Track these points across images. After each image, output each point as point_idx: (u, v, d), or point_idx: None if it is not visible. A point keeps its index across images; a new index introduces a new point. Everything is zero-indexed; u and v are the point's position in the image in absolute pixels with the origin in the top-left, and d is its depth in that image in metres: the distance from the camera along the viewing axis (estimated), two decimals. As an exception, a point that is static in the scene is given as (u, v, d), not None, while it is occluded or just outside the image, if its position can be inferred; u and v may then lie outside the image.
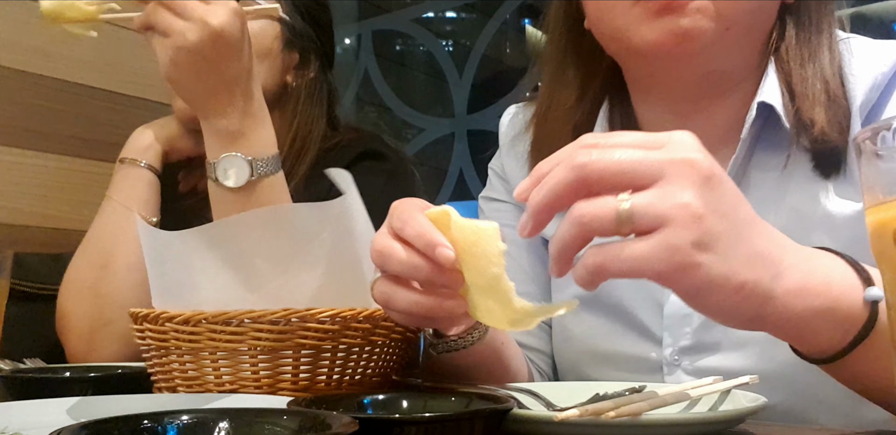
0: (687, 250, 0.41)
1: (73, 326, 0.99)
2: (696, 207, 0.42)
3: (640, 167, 0.43)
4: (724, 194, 0.43)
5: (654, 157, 0.43)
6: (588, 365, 0.80)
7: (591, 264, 0.43)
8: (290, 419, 0.42)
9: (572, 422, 0.44)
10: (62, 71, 1.40)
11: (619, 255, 0.42)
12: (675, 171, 0.42)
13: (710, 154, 0.45)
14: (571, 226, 0.43)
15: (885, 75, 0.69)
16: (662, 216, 0.42)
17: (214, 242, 0.66)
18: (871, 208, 0.37)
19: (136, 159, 1.04)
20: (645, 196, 0.42)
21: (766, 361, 0.68)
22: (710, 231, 0.42)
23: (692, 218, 0.42)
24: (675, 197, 0.42)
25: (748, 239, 0.44)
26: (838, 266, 0.49)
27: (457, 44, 3.09)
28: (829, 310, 0.47)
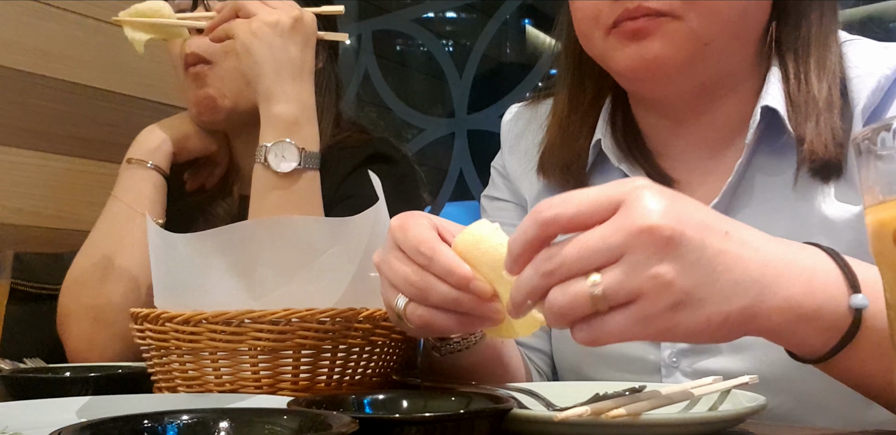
0: (664, 316, 0.43)
1: (74, 325, 0.99)
2: (664, 275, 0.42)
3: (602, 249, 0.43)
4: (687, 249, 0.43)
5: (612, 236, 0.43)
6: (587, 366, 0.80)
7: (584, 341, 0.45)
8: (290, 419, 0.42)
9: (572, 422, 0.44)
10: (63, 71, 1.40)
11: (603, 329, 0.44)
12: (636, 245, 0.42)
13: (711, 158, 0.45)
14: (552, 316, 0.45)
15: (888, 78, 0.68)
16: (634, 291, 0.43)
17: (222, 246, 0.66)
18: (871, 208, 0.37)
19: (143, 160, 1.03)
20: (613, 275, 0.43)
21: (765, 365, 0.68)
22: (681, 292, 0.43)
23: (663, 287, 0.42)
24: (641, 271, 0.42)
25: (723, 274, 0.44)
26: (825, 268, 0.49)
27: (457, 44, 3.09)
28: (812, 319, 0.47)
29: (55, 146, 1.38)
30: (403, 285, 0.54)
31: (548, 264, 0.44)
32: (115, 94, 1.48)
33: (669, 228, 0.42)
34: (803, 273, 0.47)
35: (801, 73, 0.70)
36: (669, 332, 0.44)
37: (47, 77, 1.38)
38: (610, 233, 0.43)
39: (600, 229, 0.43)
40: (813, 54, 0.70)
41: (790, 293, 0.46)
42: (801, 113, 0.68)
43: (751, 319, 0.45)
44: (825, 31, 0.71)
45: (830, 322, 0.48)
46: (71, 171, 1.40)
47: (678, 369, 0.73)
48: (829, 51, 0.70)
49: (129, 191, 1.03)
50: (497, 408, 0.47)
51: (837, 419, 0.65)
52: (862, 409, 0.64)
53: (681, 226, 0.43)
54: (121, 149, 1.08)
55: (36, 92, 1.36)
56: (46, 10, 1.38)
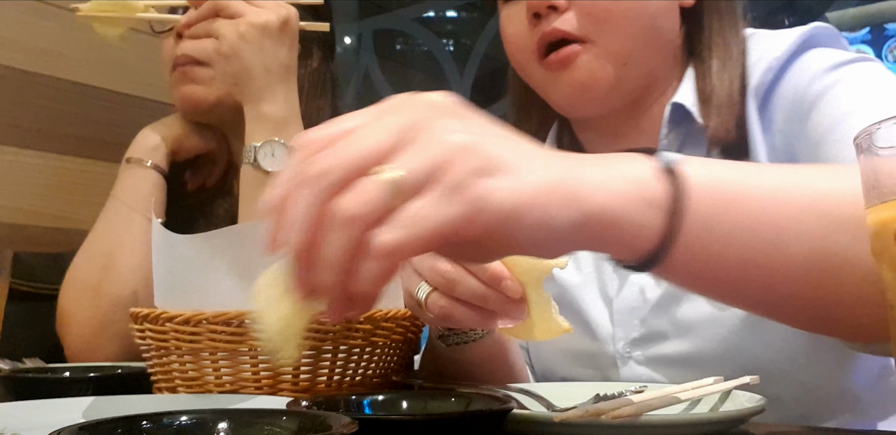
0: (471, 183, 0.35)
1: (74, 325, 0.99)
2: (459, 136, 0.36)
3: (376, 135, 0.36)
4: (480, 120, 0.39)
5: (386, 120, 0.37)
6: (557, 363, 0.83)
7: (392, 243, 0.34)
8: (290, 420, 0.42)
9: (572, 422, 0.44)
10: (63, 70, 1.40)
11: (409, 221, 0.35)
12: (418, 117, 0.37)
13: None
14: (342, 229, 0.35)
15: (778, 59, 0.73)
16: (430, 162, 0.35)
17: (224, 247, 0.66)
18: (872, 208, 0.37)
19: (142, 159, 1.03)
20: (402, 156, 0.36)
21: (710, 342, 0.71)
22: (484, 154, 0.36)
23: (462, 150, 0.36)
24: (432, 140, 0.36)
25: (524, 145, 0.39)
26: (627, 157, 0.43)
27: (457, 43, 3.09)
28: (636, 195, 0.40)
29: (54, 145, 1.38)
30: (430, 273, 0.55)
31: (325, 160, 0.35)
32: (114, 93, 1.47)
33: (452, 101, 0.39)
34: (605, 159, 0.42)
35: (708, 70, 0.75)
36: (484, 201, 0.35)
37: (46, 76, 1.38)
38: (385, 118, 0.37)
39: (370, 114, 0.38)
40: (716, 52, 0.76)
41: (603, 171, 0.40)
42: (708, 105, 0.74)
43: (574, 194, 0.38)
44: (726, 31, 0.77)
45: (654, 194, 0.41)
46: (70, 170, 1.40)
47: (632, 359, 0.76)
48: (732, 47, 0.76)
49: (129, 190, 1.03)
50: (497, 408, 0.47)
51: (783, 383, 0.66)
52: (807, 376, 0.69)
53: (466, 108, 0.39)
54: (120, 148, 1.08)
55: (35, 91, 1.36)
56: (45, 9, 1.38)
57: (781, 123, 0.73)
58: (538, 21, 0.75)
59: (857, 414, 0.73)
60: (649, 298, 0.75)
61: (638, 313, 0.76)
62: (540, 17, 0.75)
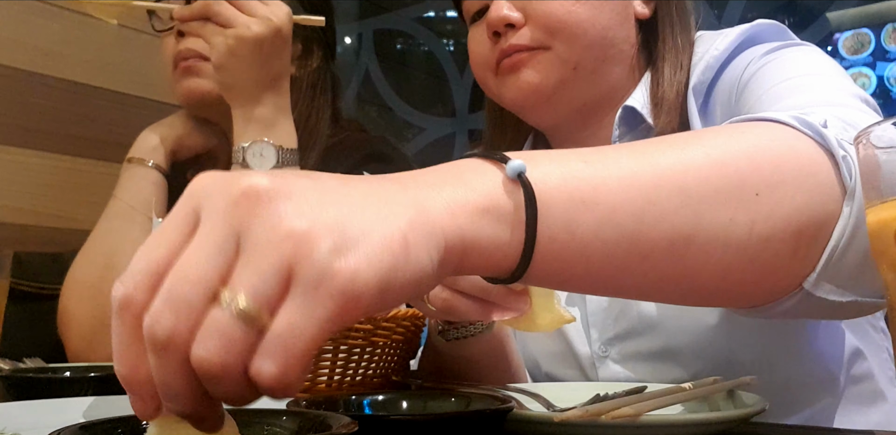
0: (333, 269, 0.30)
1: (75, 325, 1.00)
2: (294, 227, 0.31)
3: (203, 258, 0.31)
4: (299, 189, 0.32)
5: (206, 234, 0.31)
6: (540, 363, 0.84)
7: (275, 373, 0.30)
8: (290, 420, 0.42)
9: (572, 422, 0.44)
10: (64, 70, 1.40)
11: (283, 342, 0.30)
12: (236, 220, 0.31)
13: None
14: (219, 381, 0.30)
15: (716, 58, 0.76)
16: (276, 267, 0.30)
17: None
18: (872, 208, 0.37)
19: (143, 159, 1.04)
20: (240, 274, 0.30)
21: (678, 336, 0.73)
22: (327, 233, 0.31)
23: (302, 240, 0.30)
24: (267, 245, 0.30)
25: (362, 201, 0.34)
26: (469, 164, 0.41)
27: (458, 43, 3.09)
28: (487, 209, 0.38)
29: (55, 145, 1.38)
30: None
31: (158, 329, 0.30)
32: (115, 93, 1.48)
33: (263, 180, 0.32)
34: (451, 174, 0.39)
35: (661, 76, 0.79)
36: (352, 284, 0.30)
37: (47, 76, 1.38)
38: (206, 233, 0.31)
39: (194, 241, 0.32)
40: (669, 59, 0.80)
41: (450, 194, 0.37)
42: (658, 107, 0.77)
43: (431, 229, 0.35)
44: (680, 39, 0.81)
45: (502, 202, 0.38)
46: (71, 170, 1.40)
47: (608, 358, 0.78)
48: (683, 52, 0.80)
49: (130, 190, 1.03)
50: (497, 408, 0.47)
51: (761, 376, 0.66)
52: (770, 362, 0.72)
53: (273, 177, 0.32)
54: (121, 148, 1.08)
55: (36, 91, 1.36)
56: (47, 9, 1.38)
57: (720, 117, 0.75)
58: (497, 39, 0.80)
59: (836, 397, 0.75)
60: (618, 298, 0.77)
61: (610, 313, 0.78)
62: (499, 36, 0.79)
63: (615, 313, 0.77)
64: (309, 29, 1.07)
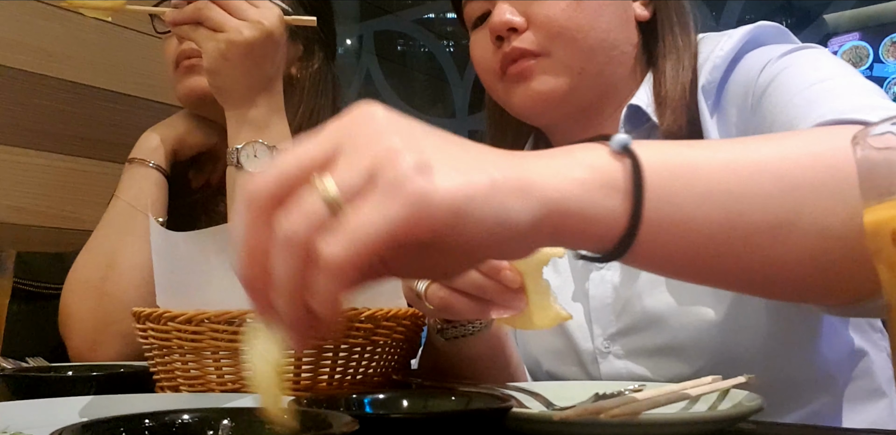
0: (412, 181, 0.33)
1: (77, 325, 1.00)
2: (393, 144, 0.34)
3: (313, 149, 0.35)
4: (411, 123, 0.37)
5: (323, 134, 0.36)
6: (541, 360, 0.84)
7: (341, 253, 0.33)
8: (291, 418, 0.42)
9: (571, 421, 0.44)
10: (66, 71, 1.41)
11: (354, 228, 0.33)
12: (344, 128, 0.36)
13: None
14: (286, 247, 0.34)
15: (722, 58, 0.77)
16: (366, 164, 0.34)
17: (225, 245, 0.66)
18: (869, 208, 0.37)
19: (144, 159, 1.04)
20: (337, 163, 0.35)
21: (681, 332, 0.73)
22: (419, 152, 0.34)
23: (395, 152, 0.34)
24: (366, 143, 0.35)
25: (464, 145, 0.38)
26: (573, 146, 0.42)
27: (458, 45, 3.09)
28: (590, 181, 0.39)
29: (57, 146, 1.39)
30: None
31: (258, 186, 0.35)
32: (117, 94, 1.48)
33: (378, 109, 0.36)
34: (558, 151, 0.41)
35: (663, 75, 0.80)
36: (427, 196, 0.33)
37: (50, 77, 1.38)
38: (321, 134, 0.36)
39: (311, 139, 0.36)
40: (671, 59, 0.81)
41: (556, 161, 0.39)
42: (662, 106, 0.78)
43: (528, 184, 0.37)
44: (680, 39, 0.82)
45: (612, 175, 0.40)
46: (73, 170, 1.40)
47: (611, 354, 0.78)
48: (685, 52, 0.81)
49: (131, 190, 1.03)
50: (497, 407, 0.48)
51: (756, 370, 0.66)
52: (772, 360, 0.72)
53: (393, 114, 0.37)
54: (123, 148, 1.09)
55: (38, 92, 1.36)
56: (49, 10, 1.39)
57: (736, 117, 0.76)
58: (500, 43, 0.80)
59: (835, 395, 0.75)
60: (622, 294, 0.77)
61: (613, 309, 0.78)
62: (502, 39, 0.80)
63: (618, 309, 0.78)
64: (310, 30, 1.08)
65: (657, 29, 0.83)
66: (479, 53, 0.84)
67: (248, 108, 0.89)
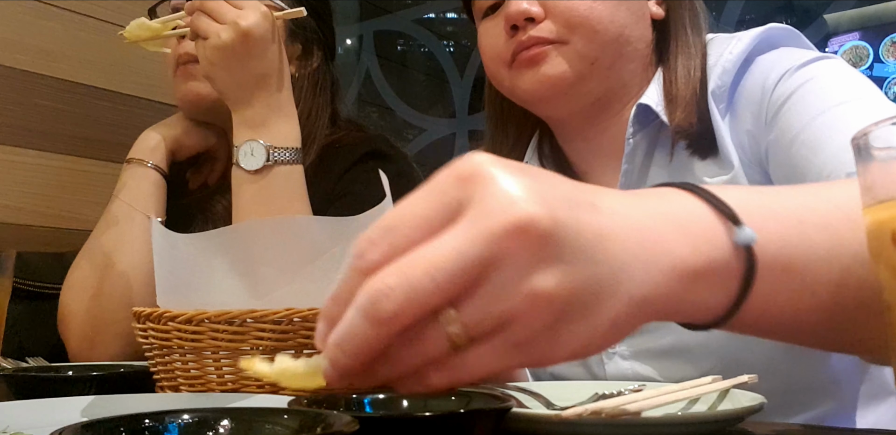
0: (541, 338, 0.33)
1: (76, 325, 1.00)
2: (543, 289, 0.32)
3: (458, 272, 0.32)
4: (565, 242, 0.33)
5: (470, 248, 0.32)
6: None
7: (440, 385, 0.35)
8: (291, 418, 0.42)
9: (572, 421, 0.44)
10: (65, 71, 1.41)
11: (463, 370, 0.34)
12: (504, 253, 0.32)
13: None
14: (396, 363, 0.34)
15: (732, 62, 0.77)
16: (504, 317, 0.33)
17: (224, 246, 0.66)
18: (869, 208, 0.37)
19: (143, 160, 1.05)
20: (475, 303, 0.32)
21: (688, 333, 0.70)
22: (562, 305, 0.33)
23: (542, 304, 0.32)
24: (513, 289, 0.32)
25: (604, 264, 0.35)
26: (696, 211, 0.40)
27: (458, 44, 3.09)
28: (704, 274, 0.38)
29: (57, 146, 1.39)
30: None
31: (383, 305, 0.32)
32: (116, 93, 1.48)
33: (543, 217, 0.32)
34: (679, 225, 0.39)
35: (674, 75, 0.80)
36: (545, 356, 0.34)
37: (49, 77, 1.38)
38: (465, 244, 0.32)
39: (448, 240, 0.32)
40: (682, 59, 0.81)
41: (675, 256, 0.37)
42: (672, 104, 0.78)
43: (640, 305, 0.36)
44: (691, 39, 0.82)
45: (724, 271, 0.39)
46: (72, 170, 1.40)
47: (616, 354, 0.78)
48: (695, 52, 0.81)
49: (130, 190, 1.03)
50: (497, 407, 0.48)
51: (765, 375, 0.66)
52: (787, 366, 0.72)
53: (551, 210, 0.33)
54: (122, 148, 1.09)
55: (37, 91, 1.36)
56: (48, 10, 1.39)
57: (750, 124, 0.76)
58: (515, 32, 0.80)
59: (840, 401, 0.75)
60: None
61: None
62: (517, 29, 0.79)
63: None
64: (308, 30, 1.08)
65: (670, 28, 0.83)
66: (489, 42, 0.83)
67: (245, 107, 0.91)
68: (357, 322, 0.33)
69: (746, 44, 0.77)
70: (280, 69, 0.92)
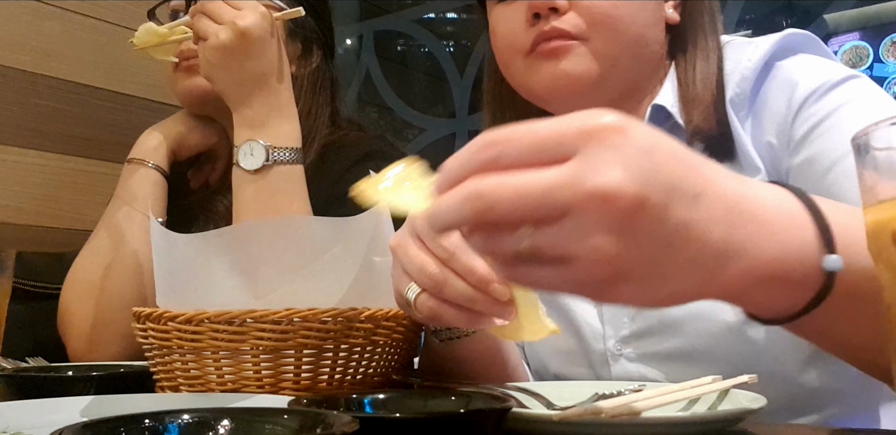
0: (598, 286, 0.38)
1: (76, 325, 1.00)
2: (606, 249, 0.36)
3: (542, 204, 0.36)
4: (645, 222, 0.36)
5: (557, 191, 0.36)
6: (550, 361, 0.83)
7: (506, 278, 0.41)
8: (291, 419, 0.42)
9: (572, 421, 0.44)
10: (65, 71, 1.41)
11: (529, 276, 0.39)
12: (583, 208, 0.36)
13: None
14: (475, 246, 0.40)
15: (752, 69, 0.75)
16: (566, 255, 0.37)
17: (225, 246, 0.66)
18: (869, 208, 0.37)
19: (143, 160, 1.05)
20: (546, 234, 0.37)
21: (697, 338, 0.72)
22: (622, 267, 0.37)
23: (601, 260, 0.36)
24: (580, 237, 0.36)
25: (679, 252, 0.38)
26: (798, 223, 0.43)
27: (458, 44, 3.09)
28: (780, 281, 0.42)
29: (57, 146, 1.39)
30: (419, 276, 0.55)
31: (477, 203, 0.37)
32: (116, 93, 1.48)
33: (631, 196, 0.35)
34: (774, 232, 0.41)
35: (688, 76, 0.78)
36: (604, 298, 0.40)
37: (49, 77, 1.38)
38: (556, 187, 0.36)
39: (547, 177, 0.36)
40: (698, 62, 0.79)
41: (758, 259, 0.40)
42: (689, 105, 0.76)
43: (703, 291, 0.40)
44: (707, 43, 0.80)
45: (799, 283, 0.43)
46: (73, 170, 1.40)
47: (623, 357, 0.77)
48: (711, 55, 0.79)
49: (130, 190, 1.04)
50: (497, 407, 0.48)
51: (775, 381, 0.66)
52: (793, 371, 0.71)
53: (644, 191, 0.36)
54: (122, 148, 1.09)
55: (37, 91, 1.36)
56: (48, 10, 1.39)
57: (773, 136, 0.74)
58: (537, 21, 0.77)
59: (843, 406, 0.74)
60: None
61: (627, 311, 0.77)
62: (539, 18, 0.77)
63: (632, 311, 0.77)
64: (308, 29, 1.08)
65: (686, 31, 0.82)
66: (505, 29, 0.80)
67: (244, 107, 0.92)
68: (457, 200, 0.37)
69: (765, 51, 0.76)
70: (280, 69, 0.93)
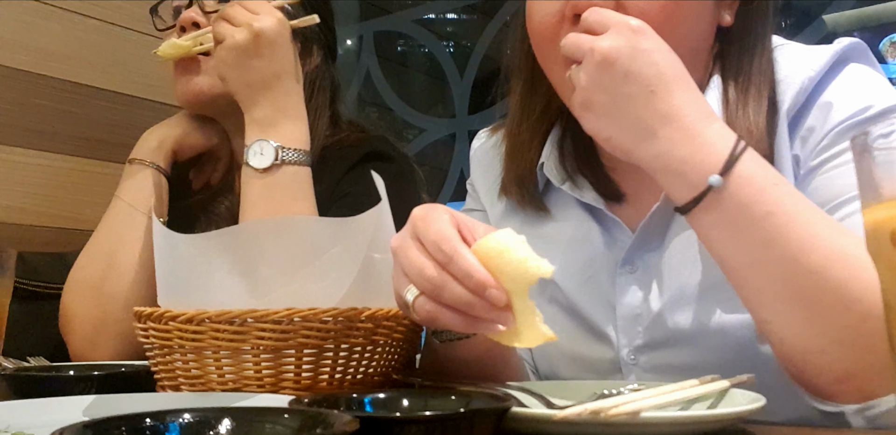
0: (576, 105, 0.63)
1: (77, 324, 1.00)
2: (583, 82, 0.61)
3: (574, 50, 0.63)
4: (611, 75, 0.60)
5: (582, 44, 0.62)
6: (561, 367, 0.82)
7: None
8: (292, 418, 0.43)
9: (572, 421, 0.45)
10: (66, 71, 1.41)
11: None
12: (585, 55, 0.61)
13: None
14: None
15: (811, 79, 0.73)
16: (574, 79, 0.63)
17: (226, 246, 0.66)
18: (868, 208, 0.37)
19: (144, 160, 1.05)
20: (578, 67, 0.63)
21: (710, 352, 0.72)
22: (589, 98, 0.61)
23: (580, 87, 0.62)
24: (579, 73, 0.62)
25: (623, 109, 0.61)
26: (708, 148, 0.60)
27: (458, 45, 3.09)
28: (677, 175, 0.61)
29: (57, 146, 1.39)
30: (418, 278, 0.56)
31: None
32: (116, 94, 1.48)
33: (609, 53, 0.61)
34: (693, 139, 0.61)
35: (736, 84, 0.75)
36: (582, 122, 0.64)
37: (49, 77, 1.38)
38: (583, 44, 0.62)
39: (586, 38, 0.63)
40: (746, 67, 0.76)
41: (669, 152, 0.61)
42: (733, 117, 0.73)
43: (628, 151, 0.63)
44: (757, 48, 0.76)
45: (690, 185, 0.60)
46: (73, 170, 1.40)
47: (636, 366, 0.76)
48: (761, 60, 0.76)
49: (131, 190, 1.04)
50: (497, 407, 0.48)
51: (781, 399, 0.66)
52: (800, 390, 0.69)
53: (616, 56, 0.61)
54: (123, 148, 1.09)
55: (38, 92, 1.37)
56: (49, 11, 1.39)
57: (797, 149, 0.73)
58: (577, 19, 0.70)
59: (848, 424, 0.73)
60: (652, 307, 0.75)
61: (641, 321, 0.76)
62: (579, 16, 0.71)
63: (645, 323, 0.75)
64: (307, 29, 1.08)
65: (740, 37, 0.77)
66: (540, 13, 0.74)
67: (254, 107, 0.95)
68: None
69: (825, 62, 0.73)
70: (291, 73, 0.95)
